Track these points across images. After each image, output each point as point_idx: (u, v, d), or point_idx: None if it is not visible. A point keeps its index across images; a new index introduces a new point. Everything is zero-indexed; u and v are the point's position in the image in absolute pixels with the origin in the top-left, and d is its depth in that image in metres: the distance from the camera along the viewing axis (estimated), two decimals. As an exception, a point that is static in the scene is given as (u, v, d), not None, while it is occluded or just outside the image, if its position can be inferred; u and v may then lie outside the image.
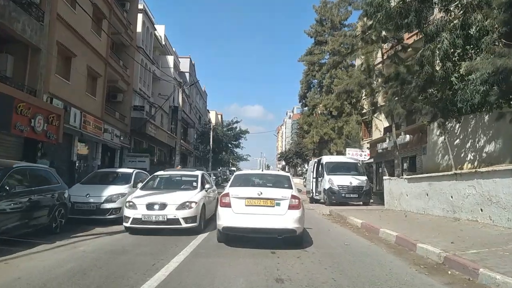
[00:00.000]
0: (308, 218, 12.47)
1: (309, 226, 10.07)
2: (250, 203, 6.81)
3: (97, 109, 21.51)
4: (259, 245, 6.97)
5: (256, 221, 6.65)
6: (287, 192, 7.09)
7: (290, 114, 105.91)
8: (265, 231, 6.74)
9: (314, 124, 29.59)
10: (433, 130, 13.85)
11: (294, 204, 6.85)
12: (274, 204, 6.78)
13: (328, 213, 14.07)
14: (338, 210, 13.58)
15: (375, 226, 9.28)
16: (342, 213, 12.65)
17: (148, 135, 29.11)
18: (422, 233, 7.89)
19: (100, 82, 21.91)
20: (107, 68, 22.70)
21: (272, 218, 6.68)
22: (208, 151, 54.57)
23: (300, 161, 55.58)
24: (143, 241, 7.67)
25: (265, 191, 7.01)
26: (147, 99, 32.30)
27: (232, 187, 7.42)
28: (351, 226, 10.57)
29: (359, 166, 18.55)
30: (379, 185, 19.11)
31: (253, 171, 10.03)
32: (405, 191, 12.56)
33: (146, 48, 32.96)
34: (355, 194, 16.85)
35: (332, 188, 16.98)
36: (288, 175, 8.94)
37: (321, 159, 19.17)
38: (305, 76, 30.84)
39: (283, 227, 6.66)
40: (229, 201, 6.92)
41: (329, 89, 29.42)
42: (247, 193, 6.97)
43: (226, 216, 6.85)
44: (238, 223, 6.71)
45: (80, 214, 9.61)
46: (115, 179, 11.17)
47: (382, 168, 19.54)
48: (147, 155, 26.61)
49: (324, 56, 30.07)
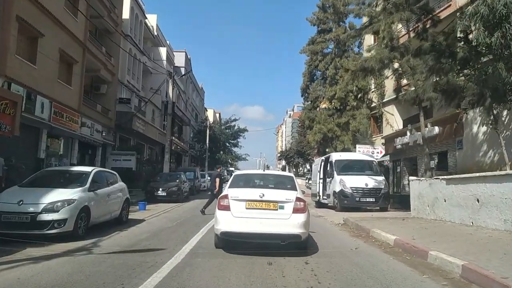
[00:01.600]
0: (318, 230, 9.87)
1: (323, 243, 7.78)
2: (251, 205, 6.33)
3: (73, 100, 18.84)
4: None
5: (258, 226, 6.17)
6: (291, 194, 6.55)
7: (290, 113, 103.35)
8: (268, 236, 6.29)
9: (317, 119, 26.94)
10: (472, 120, 11.20)
11: (299, 207, 6.36)
12: (277, 207, 6.30)
13: (343, 222, 11.43)
14: (355, 219, 10.92)
15: (419, 246, 6.63)
16: (362, 223, 10.00)
17: (136, 131, 26.42)
18: (503, 261, 5.24)
19: (77, 69, 19.24)
20: (86, 54, 20.03)
21: (275, 223, 6.21)
22: (205, 151, 51.94)
23: (302, 160, 52.94)
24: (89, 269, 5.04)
25: (267, 192, 6.46)
26: (137, 93, 29.63)
27: (231, 189, 6.88)
28: (380, 243, 7.91)
29: (375, 164, 15.89)
30: (396, 186, 16.47)
31: (253, 171, 9.34)
32: (442, 195, 9.91)
33: (135, 37, 30.33)
34: (371, 197, 14.21)
35: (344, 191, 14.34)
36: (292, 175, 8.22)
37: (330, 156, 16.52)
38: (307, 67, 28.22)
39: (287, 232, 6.23)
40: (228, 203, 6.42)
41: (333, 80, 26.79)
42: (247, 195, 6.46)
43: (224, 220, 6.36)
44: (238, 228, 6.23)
45: (9, 228, 6.95)
46: (66, 181, 8.51)
47: (401, 166, 16.89)
48: (133, 153, 23.95)
49: (328, 45, 27.46)
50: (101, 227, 8.71)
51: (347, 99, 25.88)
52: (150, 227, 9.71)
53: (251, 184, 7.46)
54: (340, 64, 26.28)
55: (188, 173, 25.32)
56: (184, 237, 8.08)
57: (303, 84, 28.73)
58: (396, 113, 24.51)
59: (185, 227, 9.91)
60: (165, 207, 15.51)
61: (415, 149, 15.40)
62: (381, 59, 11.83)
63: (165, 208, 15.32)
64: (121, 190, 10.00)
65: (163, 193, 17.75)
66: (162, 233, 8.84)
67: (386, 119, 25.19)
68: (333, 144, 26.49)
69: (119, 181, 10.30)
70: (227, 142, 60.33)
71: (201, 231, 8.98)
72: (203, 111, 66.35)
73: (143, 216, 12.09)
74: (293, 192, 6.65)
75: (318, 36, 27.63)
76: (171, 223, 10.68)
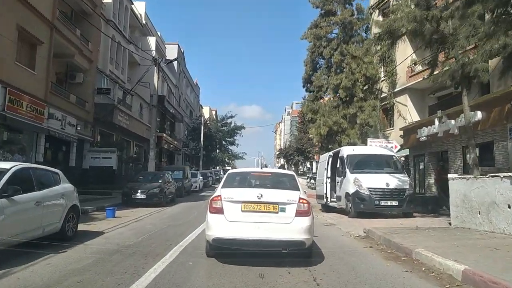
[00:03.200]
0: (332, 246, 7.46)
1: (342, 272, 5.37)
2: (247, 208, 5.56)
3: (37, 87, 16.13)
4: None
5: (255, 231, 5.39)
6: (294, 194, 5.76)
7: (289, 110, 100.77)
8: (267, 243, 5.47)
9: (321, 112, 24.19)
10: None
11: (303, 209, 5.58)
12: (277, 210, 5.53)
13: (363, 234, 8.75)
14: (381, 230, 8.25)
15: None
16: (395, 238, 7.32)
17: (119, 126, 23.67)
18: None
19: (43, 52, 16.49)
20: (54, 34, 17.27)
21: (275, 227, 5.43)
22: (200, 149, 49.15)
23: (302, 158, 50.19)
24: None
25: (266, 193, 5.67)
26: (121, 84, 26.84)
27: (224, 189, 6.03)
28: (436, 275, 5.22)
29: (396, 159, 13.17)
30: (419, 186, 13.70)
31: (250, 169, 8.01)
32: (503, 199, 7.23)
33: (119, 24, 27.58)
34: (394, 200, 11.49)
35: (360, 193, 11.62)
36: (293, 173, 7.32)
37: (340, 151, 13.80)
38: (310, 53, 25.44)
39: (289, 238, 5.43)
40: (221, 205, 5.61)
41: (339, 68, 24.04)
42: (243, 196, 5.70)
43: (217, 225, 5.56)
44: (232, 234, 5.44)
45: None
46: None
47: (425, 162, 14.17)
48: (114, 150, 21.21)
49: (332, 29, 24.68)
50: (19, 252, 5.95)
51: (355, 89, 23.17)
52: (102, 247, 6.97)
53: (248, 183, 6.73)
54: (347, 50, 23.53)
55: (177, 172, 22.57)
56: (139, 268, 5.37)
57: (305, 73, 25.93)
58: (409, 103, 21.88)
59: (151, 245, 7.19)
60: (141, 213, 12.78)
61: (445, 141, 12.70)
62: (415, 18, 9.06)
63: (141, 214, 12.59)
64: (63, 195, 7.26)
65: (142, 195, 14.99)
66: (113, 257, 6.10)
67: (398, 110, 22.53)
68: (338, 139, 23.77)
69: (63, 182, 7.56)
70: (224, 140, 57.57)
71: (169, 255, 6.25)
72: (198, 108, 63.55)
73: (105, 227, 9.37)
74: (296, 192, 5.86)
75: (321, 19, 24.86)
76: (135, 238, 7.95)
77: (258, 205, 5.55)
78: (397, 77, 22.75)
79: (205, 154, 52.25)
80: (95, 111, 21.91)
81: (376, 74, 23.87)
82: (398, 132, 21.31)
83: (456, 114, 11.71)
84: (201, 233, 8.38)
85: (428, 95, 21.07)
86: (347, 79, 23.10)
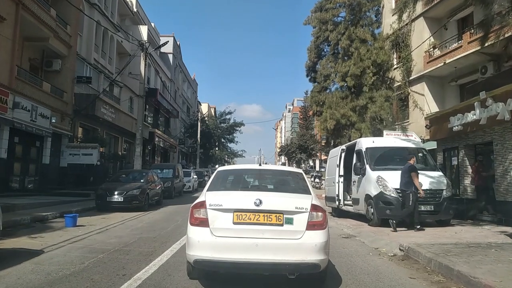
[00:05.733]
0: (360, 272, 5.30)
1: None
2: (241, 219, 4.10)
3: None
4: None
5: (253, 251, 3.96)
6: (304, 200, 4.28)
7: (289, 107, 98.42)
8: (268, 267, 4.03)
9: (328, 103, 21.80)
10: None
11: (317, 220, 4.14)
12: (282, 221, 4.09)
13: (400, 252, 6.42)
14: (425, 248, 5.95)
15: None
16: (458, 265, 5.01)
17: (103, 119, 21.30)
18: None
19: (5, 31, 14.15)
20: (20, 11, 14.91)
21: (280, 245, 4.01)
22: (197, 147, 46.79)
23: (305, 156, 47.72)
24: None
25: (266, 198, 4.20)
26: (108, 75, 24.48)
27: (211, 192, 4.60)
28: None
29: (426, 153, 10.76)
30: (452, 187, 11.25)
31: (244, 166, 6.35)
32: None
33: (106, 9, 25.23)
34: (429, 205, 9.09)
35: (385, 195, 9.22)
36: (301, 171, 5.69)
37: (357, 144, 11.37)
38: (314, 39, 22.99)
39: (298, 260, 3.97)
40: (205, 215, 4.16)
41: (347, 53, 21.63)
42: (236, 202, 4.26)
43: (200, 242, 4.09)
44: (221, 255, 3.98)
45: None
46: None
47: (460, 158, 11.75)
48: (95, 146, 18.84)
49: (339, 12, 22.27)
50: None
51: (364, 77, 20.79)
52: (14, 283, 4.60)
53: (242, 185, 5.23)
54: (355, 34, 21.12)
55: (166, 170, 20.18)
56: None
57: (308, 61, 23.46)
58: (427, 92, 19.47)
59: (92, 279, 4.81)
60: (113, 221, 10.42)
61: (489, 130, 10.28)
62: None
63: (113, 222, 10.23)
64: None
65: (119, 198, 12.57)
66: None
67: (414, 100, 20.12)
68: (347, 133, 21.39)
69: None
70: (222, 137, 55.20)
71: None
72: (196, 105, 61.17)
73: (52, 242, 7.03)
74: (306, 197, 4.38)
75: (326, 1, 22.45)
76: (79, 262, 5.58)
77: (256, 215, 4.12)
78: (412, 63, 20.34)
79: (202, 152, 49.91)
80: (75, 103, 19.55)
81: (388, 60, 21.50)
82: (414, 125, 18.94)
83: (507, 95, 9.30)
84: (179, 252, 6.15)
85: (448, 82, 18.70)
86: (356, 66, 20.73)
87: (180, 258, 5.79)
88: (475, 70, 16.24)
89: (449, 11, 18.47)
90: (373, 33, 22.15)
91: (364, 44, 21.05)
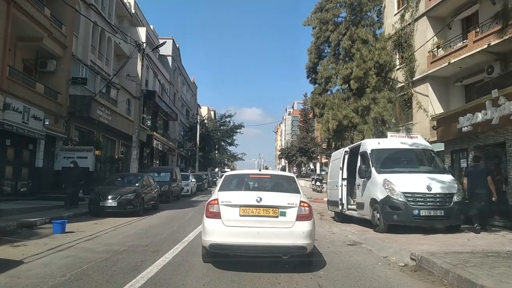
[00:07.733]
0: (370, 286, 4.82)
1: None
2: (246, 212, 5.37)
3: (-12, 71, 13.29)
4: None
5: (254, 237, 5.21)
6: (294, 197, 5.60)
7: (290, 110, 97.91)
8: (266, 249, 5.34)
9: (329, 105, 21.26)
10: None
11: (304, 213, 5.40)
12: (277, 214, 5.35)
13: (411, 261, 5.91)
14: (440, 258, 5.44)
15: None
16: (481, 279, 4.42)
17: (98, 121, 20.80)
18: None
19: (-4, 29, 13.66)
20: (12, 9, 14.44)
21: (275, 232, 5.28)
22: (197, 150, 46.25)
23: (306, 159, 47.16)
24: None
25: (265, 196, 5.49)
26: (105, 77, 24.02)
27: (222, 192, 5.84)
28: None
29: (435, 155, 10.24)
30: (461, 190, 10.71)
31: (247, 171, 7.56)
32: None
33: (103, 10, 24.81)
34: (439, 209, 8.55)
35: (393, 199, 8.69)
36: (293, 175, 7.02)
37: (362, 145, 10.84)
38: (315, 40, 22.46)
39: (290, 243, 5.28)
40: (218, 210, 5.43)
41: (348, 54, 21.15)
42: (242, 200, 5.51)
43: (214, 230, 5.36)
44: (230, 239, 5.27)
45: None
46: None
47: (467, 159, 11.22)
48: (90, 149, 18.34)
49: (340, 11, 21.81)
50: None
51: (367, 78, 20.31)
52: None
53: (246, 186, 6.39)
54: (357, 34, 20.64)
55: (163, 173, 19.64)
56: None
57: (309, 62, 22.96)
58: (431, 93, 19.00)
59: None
60: (106, 227, 9.90)
61: (502, 131, 9.77)
62: None
63: (105, 228, 9.70)
64: None
65: (113, 202, 12.03)
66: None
67: (418, 101, 19.65)
68: (349, 136, 20.88)
69: None
70: (222, 140, 54.71)
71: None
72: (196, 107, 60.70)
73: (35, 251, 6.52)
74: (296, 195, 5.70)
75: (327, 1, 22.00)
76: (60, 275, 5.06)
77: (257, 209, 5.35)
78: (415, 64, 19.89)
79: (202, 155, 49.40)
80: (70, 104, 19.05)
81: (390, 61, 21.03)
82: (418, 126, 18.45)
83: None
84: (170, 263, 5.63)
85: (453, 83, 18.25)
86: (359, 68, 20.24)
87: (172, 271, 5.29)
88: (481, 70, 15.77)
89: (453, 10, 18.05)
90: (375, 34, 21.67)
91: (366, 45, 20.57)
